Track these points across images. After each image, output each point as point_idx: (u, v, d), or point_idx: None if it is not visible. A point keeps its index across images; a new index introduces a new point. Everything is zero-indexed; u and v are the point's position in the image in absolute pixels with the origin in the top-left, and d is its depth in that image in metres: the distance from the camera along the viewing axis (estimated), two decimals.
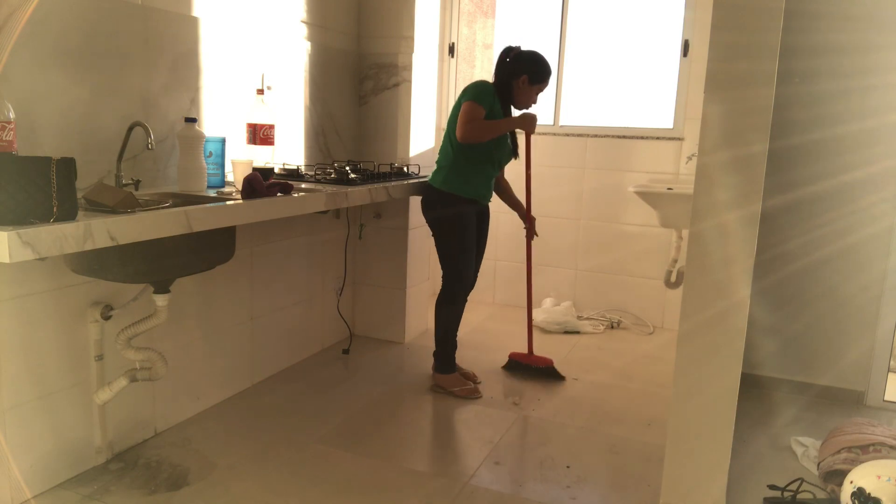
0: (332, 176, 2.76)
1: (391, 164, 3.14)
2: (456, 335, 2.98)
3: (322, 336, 3.36)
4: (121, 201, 1.70)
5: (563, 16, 4.02)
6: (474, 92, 2.71)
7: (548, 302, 4.05)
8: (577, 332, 3.80)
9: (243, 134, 2.66)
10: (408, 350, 3.45)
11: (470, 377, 3.03)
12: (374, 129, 3.45)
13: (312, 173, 2.80)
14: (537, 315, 3.91)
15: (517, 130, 2.93)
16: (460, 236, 2.82)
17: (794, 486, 2.10)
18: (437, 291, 2.96)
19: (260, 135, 2.61)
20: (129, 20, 2.15)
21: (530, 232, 3.12)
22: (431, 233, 2.91)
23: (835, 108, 2.83)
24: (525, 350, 3.26)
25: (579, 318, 3.94)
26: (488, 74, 4.53)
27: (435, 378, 2.97)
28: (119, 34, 2.12)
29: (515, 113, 2.89)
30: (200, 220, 1.84)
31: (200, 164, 2.26)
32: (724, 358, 1.83)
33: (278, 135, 2.86)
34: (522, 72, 2.75)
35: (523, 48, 2.80)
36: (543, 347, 3.42)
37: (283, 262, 2.97)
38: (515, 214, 3.19)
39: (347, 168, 2.87)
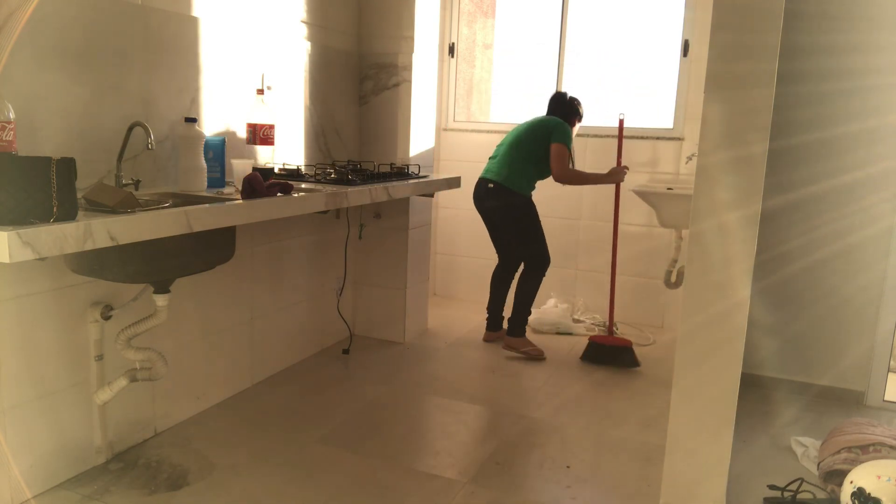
0: (332, 176, 2.76)
1: (391, 164, 3.14)
2: (531, 305, 3.44)
3: (322, 336, 3.35)
4: (121, 201, 1.70)
5: (563, 16, 4.02)
6: (565, 136, 3.26)
7: (550, 302, 4.04)
8: (570, 334, 3.79)
9: (243, 134, 2.66)
10: (408, 350, 3.45)
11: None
12: (374, 129, 3.45)
13: (312, 173, 2.80)
14: (533, 315, 3.91)
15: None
16: (537, 224, 3.38)
17: (794, 486, 2.11)
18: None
19: (260, 135, 2.61)
20: (129, 20, 2.15)
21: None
22: (506, 222, 3.40)
23: (835, 108, 2.83)
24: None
25: (575, 320, 3.93)
26: (488, 74, 4.53)
27: (506, 340, 3.40)
28: (119, 34, 2.12)
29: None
30: (200, 220, 1.84)
31: (200, 164, 2.26)
32: (724, 358, 1.83)
33: (278, 135, 2.86)
34: (576, 114, 3.41)
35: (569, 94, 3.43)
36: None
37: (283, 262, 2.97)
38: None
39: (347, 168, 2.87)
